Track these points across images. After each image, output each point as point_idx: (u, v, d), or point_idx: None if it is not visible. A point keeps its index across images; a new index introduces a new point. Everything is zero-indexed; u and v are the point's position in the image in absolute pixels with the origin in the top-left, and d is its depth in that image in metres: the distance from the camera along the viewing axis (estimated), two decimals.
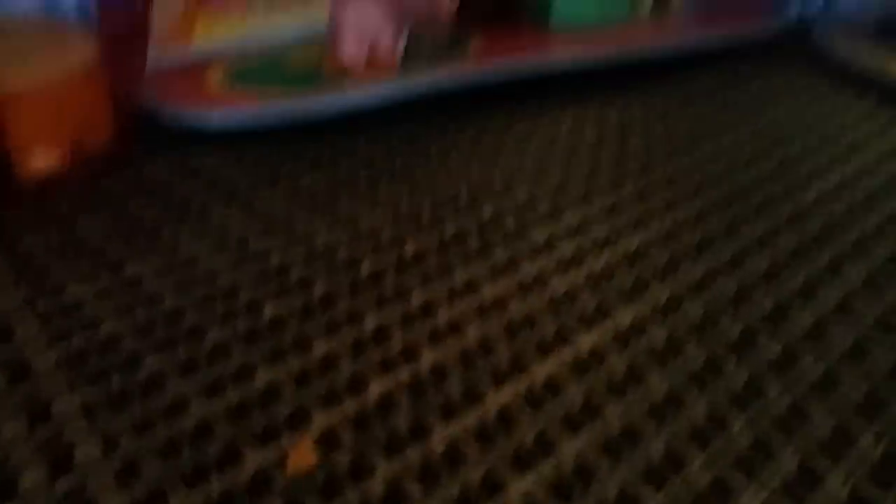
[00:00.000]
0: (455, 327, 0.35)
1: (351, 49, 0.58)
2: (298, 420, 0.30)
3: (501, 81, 0.58)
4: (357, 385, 0.32)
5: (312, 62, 0.60)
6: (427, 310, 0.36)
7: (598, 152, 0.52)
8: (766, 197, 0.47)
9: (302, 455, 0.29)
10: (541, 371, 0.33)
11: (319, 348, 0.34)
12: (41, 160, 0.45)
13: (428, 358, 0.33)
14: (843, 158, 0.52)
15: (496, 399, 0.31)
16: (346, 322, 0.35)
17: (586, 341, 0.35)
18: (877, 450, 0.29)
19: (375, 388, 0.32)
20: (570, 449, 0.29)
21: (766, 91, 0.62)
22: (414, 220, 0.44)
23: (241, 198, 0.45)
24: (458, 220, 0.44)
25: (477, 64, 0.59)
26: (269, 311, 0.36)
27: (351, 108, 0.53)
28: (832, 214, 0.45)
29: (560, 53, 0.64)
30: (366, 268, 0.39)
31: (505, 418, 0.30)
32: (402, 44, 0.60)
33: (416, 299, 0.37)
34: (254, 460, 0.28)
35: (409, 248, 0.41)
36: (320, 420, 0.30)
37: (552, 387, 0.32)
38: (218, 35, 0.63)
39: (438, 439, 0.29)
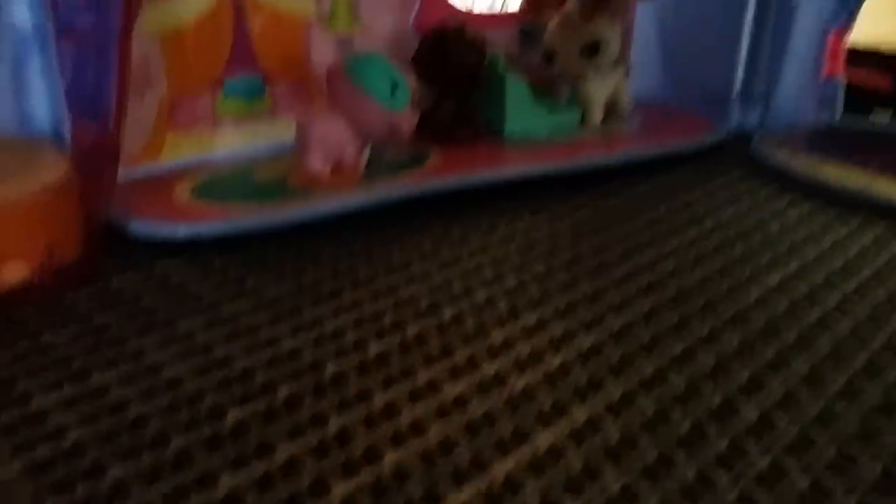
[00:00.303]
0: (417, 428, 0.36)
1: (316, 163, 0.61)
2: None
3: (459, 191, 0.61)
4: (319, 488, 0.32)
5: (278, 175, 0.62)
6: (389, 411, 0.37)
7: (552, 256, 0.54)
8: (712, 296, 0.49)
9: None
10: (500, 469, 0.34)
11: (282, 452, 0.34)
12: (11, 273, 0.46)
13: (390, 459, 0.34)
14: (783, 259, 0.55)
15: (457, 499, 0.32)
16: (309, 425, 0.36)
17: (544, 439, 0.36)
18: None
19: (338, 491, 0.32)
20: None
21: (709, 197, 0.66)
22: (376, 324, 0.45)
23: (206, 307, 0.47)
24: (419, 322, 0.45)
25: (435, 175, 0.62)
26: (232, 416, 0.37)
27: (315, 217, 0.56)
28: (775, 311, 0.48)
29: (513, 165, 0.67)
30: (329, 371, 0.41)
31: None
32: (365, 157, 0.63)
33: (379, 401, 0.38)
34: None
35: (372, 351, 0.42)
36: None
37: (511, 485, 0.33)
38: (186, 151, 0.66)
39: None
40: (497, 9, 0.84)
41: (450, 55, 0.70)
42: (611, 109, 0.79)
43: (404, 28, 0.75)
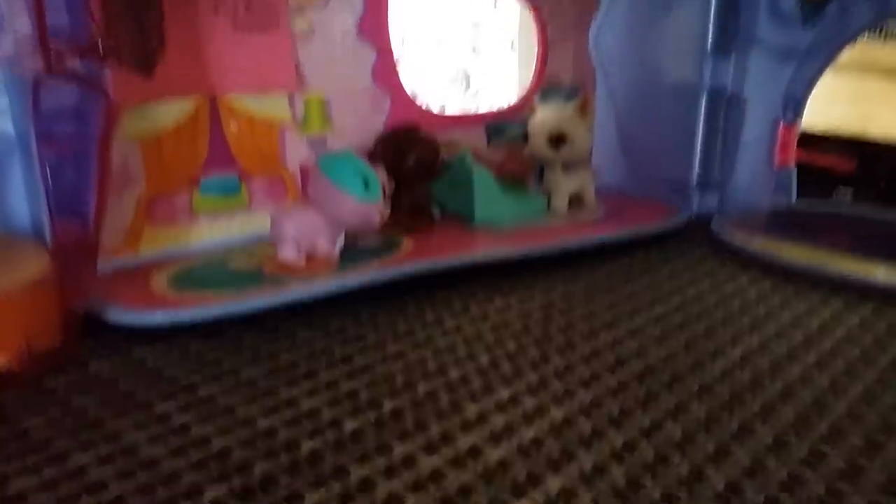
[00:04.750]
0: (393, 503, 0.37)
1: (290, 253, 0.63)
2: None
3: (431, 275, 0.63)
4: None
5: (254, 264, 0.64)
6: (365, 486, 0.38)
7: (523, 334, 0.56)
8: (678, 370, 0.51)
9: None
10: None
11: None
12: None
13: None
14: (744, 334, 0.56)
15: None
16: (285, 503, 0.37)
17: None
18: None
19: None
20: None
21: (672, 278, 0.68)
22: (352, 402, 0.46)
23: (182, 390, 0.47)
24: (394, 399, 0.46)
25: (408, 260, 0.64)
26: (209, 495, 0.37)
27: (290, 303, 0.57)
28: (739, 384, 0.49)
29: (483, 250, 0.70)
30: (305, 448, 0.41)
31: None
32: (338, 246, 0.65)
33: (355, 476, 0.39)
34: None
35: (348, 428, 0.43)
36: None
37: None
38: (163, 244, 0.67)
39: None
40: (467, 109, 0.89)
41: (404, 153, 0.73)
42: (575, 201, 0.82)
43: (376, 129, 0.78)
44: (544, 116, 0.79)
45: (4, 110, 0.57)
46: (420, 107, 0.83)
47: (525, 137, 0.80)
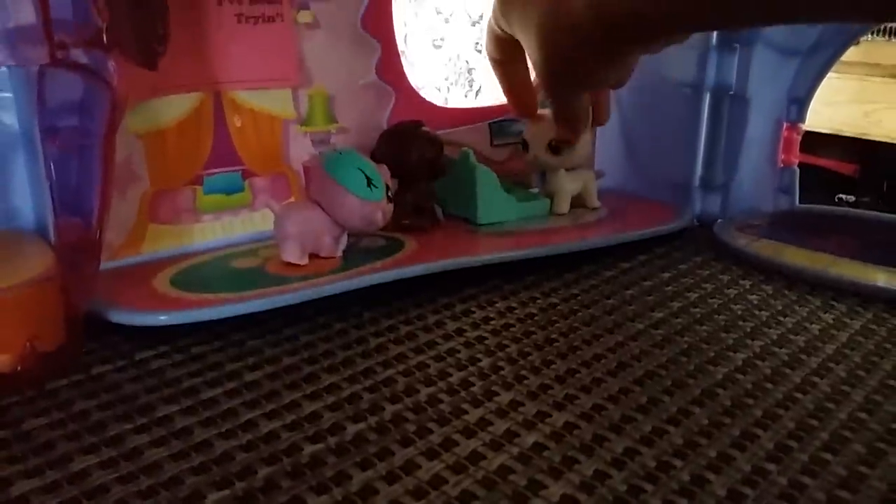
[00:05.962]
0: None
1: (294, 253, 0.63)
2: None
3: (433, 275, 0.63)
4: None
5: (256, 263, 0.64)
6: (366, 493, 0.38)
7: (524, 338, 0.56)
8: (679, 376, 0.51)
9: None
10: None
11: None
12: None
13: None
14: (747, 340, 0.57)
15: None
16: None
17: None
18: None
19: None
20: None
21: (674, 281, 0.68)
22: (353, 406, 0.46)
23: (185, 394, 0.47)
24: (395, 404, 0.46)
25: (411, 261, 0.64)
26: (211, 499, 0.37)
27: (293, 304, 0.57)
28: (740, 390, 0.49)
29: (486, 250, 0.70)
30: (306, 454, 0.41)
31: None
32: (342, 246, 0.65)
33: (356, 483, 0.39)
34: None
35: (349, 433, 0.43)
36: None
37: None
38: (166, 242, 0.67)
39: None
40: (469, 104, 0.88)
41: (406, 150, 0.72)
42: (578, 202, 0.82)
43: (379, 125, 0.78)
44: (543, 122, 0.79)
45: (8, 104, 0.57)
46: (424, 103, 0.82)
47: (524, 146, 0.80)
